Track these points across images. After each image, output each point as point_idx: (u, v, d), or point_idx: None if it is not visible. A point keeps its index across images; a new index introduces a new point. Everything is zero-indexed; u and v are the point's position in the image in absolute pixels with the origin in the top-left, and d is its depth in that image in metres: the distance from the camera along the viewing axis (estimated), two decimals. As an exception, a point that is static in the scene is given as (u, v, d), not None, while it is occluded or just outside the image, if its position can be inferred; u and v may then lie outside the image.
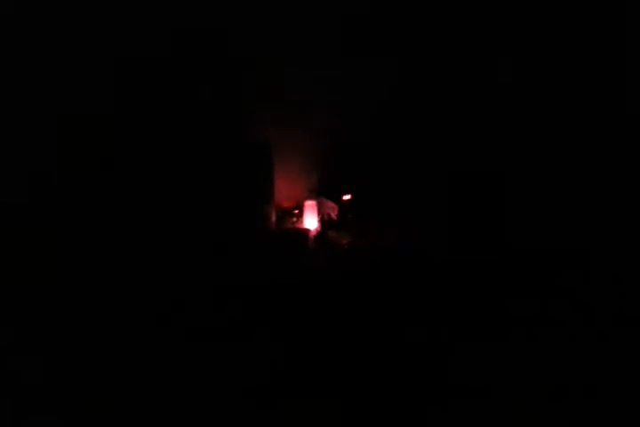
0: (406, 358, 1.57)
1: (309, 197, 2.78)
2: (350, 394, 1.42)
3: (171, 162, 2.07)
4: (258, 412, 1.35)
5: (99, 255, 1.84)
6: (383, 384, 1.46)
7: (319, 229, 2.68)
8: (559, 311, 1.72)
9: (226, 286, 1.91)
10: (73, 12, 1.81)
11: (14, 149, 1.77)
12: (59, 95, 1.83)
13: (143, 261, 1.88)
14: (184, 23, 2.07)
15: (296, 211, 2.83)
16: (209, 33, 2.17)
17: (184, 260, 1.94)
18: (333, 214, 2.74)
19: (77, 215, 1.86)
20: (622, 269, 1.86)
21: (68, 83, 1.84)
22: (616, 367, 1.46)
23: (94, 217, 1.88)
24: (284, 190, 2.79)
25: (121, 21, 1.90)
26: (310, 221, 2.73)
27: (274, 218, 2.69)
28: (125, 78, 1.96)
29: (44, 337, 1.58)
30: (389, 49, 2.45)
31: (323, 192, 2.81)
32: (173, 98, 2.10)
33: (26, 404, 1.36)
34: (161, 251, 1.93)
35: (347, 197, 2.76)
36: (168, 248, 1.95)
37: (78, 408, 1.36)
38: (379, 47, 2.45)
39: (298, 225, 2.77)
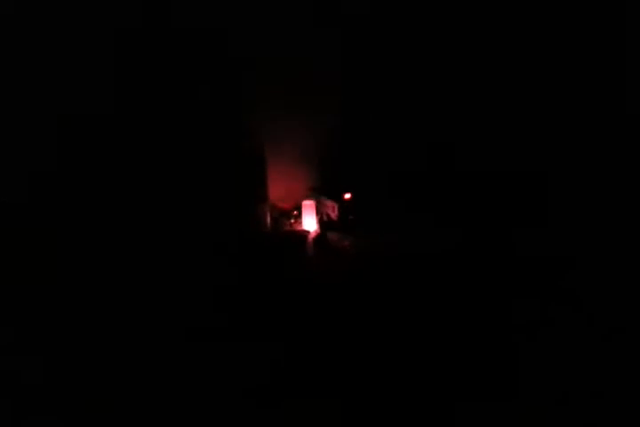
0: (406, 358, 1.56)
1: (308, 197, 2.64)
2: (350, 394, 1.42)
3: (166, 162, 2.06)
4: (258, 412, 1.35)
5: (99, 255, 1.84)
6: (383, 384, 1.46)
7: (318, 230, 2.52)
8: (559, 312, 1.72)
9: (225, 285, 1.91)
10: (73, 12, 1.81)
11: (14, 149, 1.77)
12: (59, 95, 1.83)
13: (143, 261, 1.88)
14: (184, 23, 2.07)
15: (295, 212, 2.69)
16: (209, 33, 2.17)
17: (182, 260, 1.94)
18: (333, 214, 2.57)
19: (77, 215, 1.86)
20: (622, 270, 1.86)
21: (68, 83, 1.84)
22: (616, 368, 1.46)
23: (94, 217, 1.88)
24: (281, 190, 2.66)
25: (121, 21, 1.90)
26: (309, 223, 2.58)
27: (269, 220, 2.54)
28: (125, 78, 1.96)
29: (43, 337, 1.58)
30: (396, 46, 2.42)
31: (322, 191, 2.66)
32: (173, 98, 2.09)
33: (26, 404, 1.36)
34: (160, 251, 1.93)
35: (347, 196, 2.57)
36: (167, 248, 1.95)
37: (78, 408, 1.36)
38: (383, 44, 2.42)
39: (296, 227, 2.63)
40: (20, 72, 1.77)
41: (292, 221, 2.69)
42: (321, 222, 2.57)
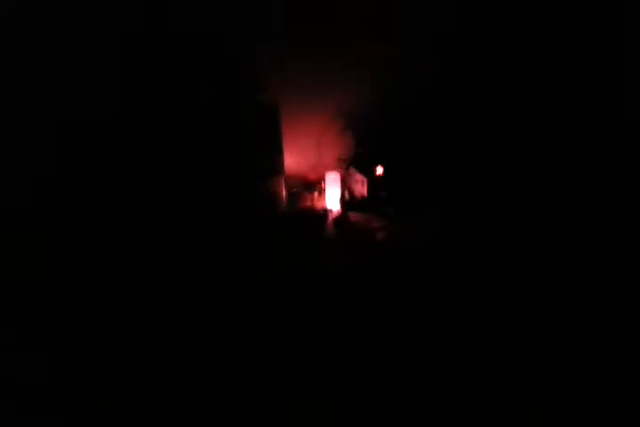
0: (406, 358, 1.56)
1: (336, 168, 2.25)
2: (350, 394, 1.42)
3: (167, 150, 1.98)
4: (258, 412, 1.35)
5: (99, 255, 1.84)
6: (383, 384, 1.45)
7: (342, 208, 2.15)
8: (559, 312, 1.72)
9: (226, 285, 1.90)
10: (73, 12, 1.80)
11: (14, 149, 1.77)
12: (59, 95, 1.83)
13: (143, 261, 1.88)
14: (184, 23, 2.06)
15: (321, 184, 2.28)
16: (209, 33, 2.16)
17: (183, 258, 1.93)
18: (362, 190, 2.16)
19: (77, 215, 1.85)
20: (622, 270, 1.86)
21: (68, 83, 1.84)
22: (616, 368, 1.46)
23: (94, 216, 1.88)
24: (309, 159, 2.26)
25: (121, 21, 1.89)
26: (332, 198, 2.19)
27: (284, 194, 2.13)
28: (125, 78, 1.95)
29: (43, 337, 1.58)
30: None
31: (353, 162, 2.24)
32: (174, 97, 2.08)
33: (26, 404, 1.36)
34: (160, 250, 1.92)
35: (380, 170, 2.16)
36: (167, 246, 1.93)
37: (78, 408, 1.35)
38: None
39: (317, 203, 2.24)
40: (20, 72, 1.77)
41: (316, 195, 2.29)
42: (344, 199, 2.17)
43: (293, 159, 2.24)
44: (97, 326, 1.64)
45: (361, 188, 2.17)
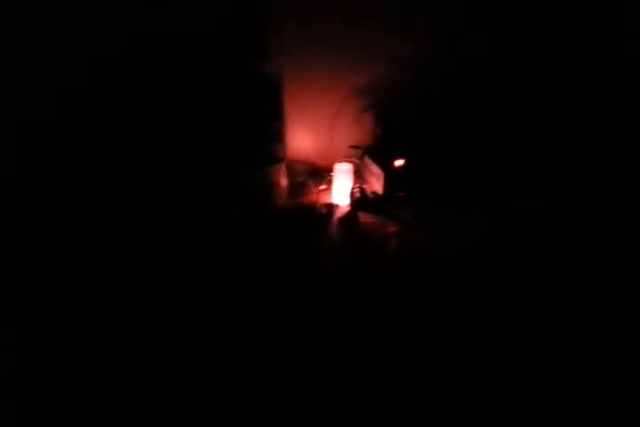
0: (407, 359, 1.56)
1: (350, 157, 1.96)
2: (350, 394, 1.42)
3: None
4: (258, 412, 1.35)
5: (99, 254, 1.84)
6: (384, 384, 1.45)
7: (351, 206, 1.83)
8: (561, 311, 1.72)
9: (224, 284, 1.89)
10: (73, 9, 1.79)
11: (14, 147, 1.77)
12: (60, 95, 1.83)
13: (143, 260, 1.88)
14: (184, 23, 2.06)
15: (332, 174, 1.92)
16: (209, 33, 2.16)
17: (184, 256, 1.91)
18: (376, 186, 1.86)
19: (79, 212, 1.85)
20: (622, 269, 1.86)
21: (67, 83, 1.84)
22: (616, 368, 1.46)
23: (95, 214, 1.88)
24: (322, 143, 1.97)
25: (121, 21, 1.89)
26: (341, 194, 1.86)
27: (285, 184, 1.82)
28: (125, 78, 1.95)
29: (43, 337, 1.58)
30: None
31: (371, 151, 1.92)
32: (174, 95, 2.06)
33: (26, 404, 1.36)
34: (160, 247, 1.91)
35: (399, 163, 1.81)
36: (167, 242, 1.91)
37: (78, 408, 1.35)
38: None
39: (323, 197, 1.91)
40: (16, 71, 1.76)
41: (324, 187, 1.96)
42: (354, 196, 1.83)
43: (301, 142, 1.96)
44: (97, 326, 1.63)
45: (376, 183, 1.82)
